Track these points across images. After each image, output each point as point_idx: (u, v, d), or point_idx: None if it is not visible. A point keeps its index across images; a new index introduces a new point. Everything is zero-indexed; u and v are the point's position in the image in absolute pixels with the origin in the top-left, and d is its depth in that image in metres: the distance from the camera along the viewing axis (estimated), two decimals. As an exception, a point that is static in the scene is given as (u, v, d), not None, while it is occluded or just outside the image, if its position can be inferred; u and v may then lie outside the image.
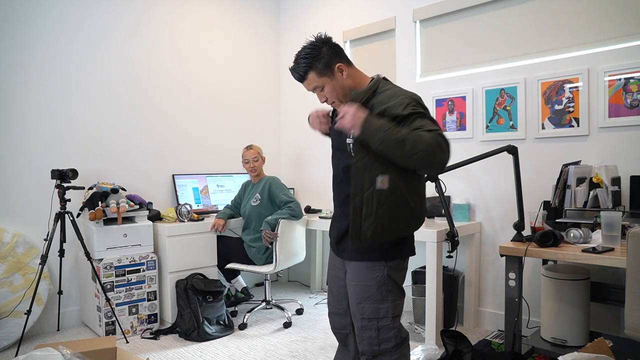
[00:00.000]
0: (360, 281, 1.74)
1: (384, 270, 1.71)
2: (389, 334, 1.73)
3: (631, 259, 1.69)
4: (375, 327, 1.72)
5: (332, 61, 1.70)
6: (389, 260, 1.71)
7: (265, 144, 4.44)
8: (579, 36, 2.78)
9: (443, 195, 2.48)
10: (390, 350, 1.73)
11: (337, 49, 1.72)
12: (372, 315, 1.73)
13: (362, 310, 1.74)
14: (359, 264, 1.74)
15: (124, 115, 3.63)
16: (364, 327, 1.75)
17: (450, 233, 2.47)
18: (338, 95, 1.73)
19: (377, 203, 1.60)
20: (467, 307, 3.23)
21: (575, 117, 2.79)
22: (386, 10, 3.72)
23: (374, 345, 1.73)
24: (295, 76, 1.75)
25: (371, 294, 1.72)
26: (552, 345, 2.43)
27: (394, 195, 1.60)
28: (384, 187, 1.59)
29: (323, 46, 1.70)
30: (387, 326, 1.73)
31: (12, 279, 3.00)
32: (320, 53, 1.69)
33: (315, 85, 1.73)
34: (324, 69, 1.69)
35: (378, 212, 1.60)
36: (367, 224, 1.61)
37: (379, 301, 1.72)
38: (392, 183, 1.59)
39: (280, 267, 3.31)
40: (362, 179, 1.62)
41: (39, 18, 3.22)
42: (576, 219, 2.52)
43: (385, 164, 1.58)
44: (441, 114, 3.41)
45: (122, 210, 3.09)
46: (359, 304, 1.75)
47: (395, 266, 1.74)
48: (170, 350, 2.92)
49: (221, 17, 4.23)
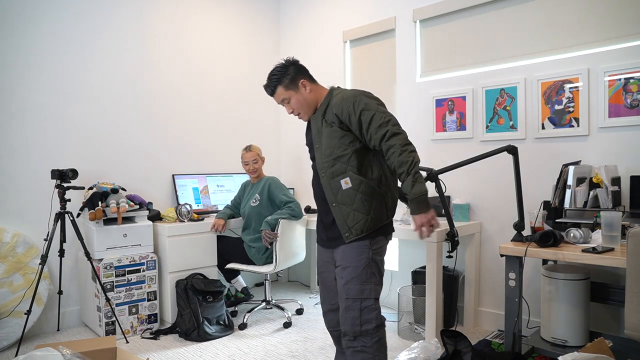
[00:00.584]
0: (350, 263, 1.95)
1: (369, 253, 1.94)
2: (371, 315, 1.92)
3: (631, 259, 1.69)
4: (359, 308, 1.92)
5: (296, 77, 2.04)
6: (373, 239, 1.95)
7: (265, 144, 4.44)
8: (579, 36, 2.78)
9: (443, 195, 2.47)
10: (371, 332, 1.91)
11: (301, 69, 2.07)
12: (357, 296, 1.92)
13: (348, 291, 1.94)
14: (346, 247, 1.96)
15: (124, 115, 3.63)
16: (348, 308, 1.93)
17: (450, 233, 2.47)
18: (302, 106, 2.06)
19: (350, 200, 1.93)
20: (467, 307, 3.23)
21: (575, 117, 2.79)
22: (386, 10, 3.72)
23: (357, 326, 1.91)
24: (267, 91, 2.09)
25: (358, 274, 1.93)
26: (552, 345, 2.43)
27: (360, 189, 1.92)
28: (349, 186, 1.93)
29: (290, 66, 2.05)
30: (370, 307, 1.92)
31: (12, 279, 3.00)
32: (287, 71, 2.04)
33: (283, 98, 2.06)
34: (290, 84, 2.04)
35: (354, 206, 1.93)
36: (351, 220, 1.93)
37: (364, 282, 1.93)
38: (353, 181, 1.92)
39: (280, 267, 3.31)
40: (331, 188, 1.97)
41: (39, 18, 3.22)
42: (576, 219, 2.52)
43: (342, 168, 1.94)
44: (441, 114, 3.41)
45: (122, 210, 3.09)
46: (345, 285, 1.95)
47: (378, 249, 1.98)
48: (170, 350, 2.92)
49: (221, 17, 4.23)
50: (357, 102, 1.90)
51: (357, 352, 1.93)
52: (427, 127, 3.49)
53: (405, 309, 3.22)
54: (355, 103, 1.91)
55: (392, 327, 3.29)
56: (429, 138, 3.49)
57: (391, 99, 3.76)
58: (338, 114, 1.95)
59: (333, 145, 1.97)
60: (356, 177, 1.93)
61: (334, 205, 1.97)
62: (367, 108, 1.88)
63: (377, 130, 1.85)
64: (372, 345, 1.91)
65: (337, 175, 1.95)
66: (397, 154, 1.80)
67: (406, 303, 3.22)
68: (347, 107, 1.91)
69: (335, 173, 1.96)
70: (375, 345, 1.92)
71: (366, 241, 1.94)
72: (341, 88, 2.06)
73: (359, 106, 1.89)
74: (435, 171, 2.48)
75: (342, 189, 1.94)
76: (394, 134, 1.83)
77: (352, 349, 1.95)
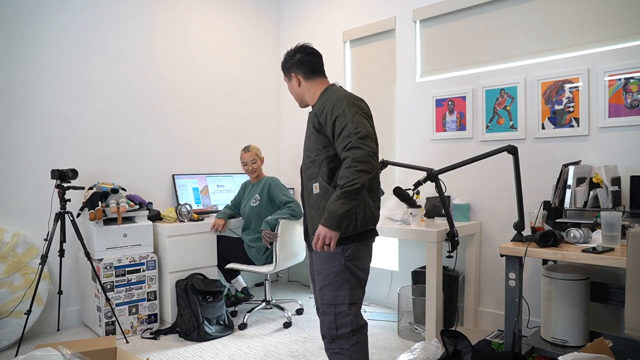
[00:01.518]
0: (322, 270, 1.96)
1: (342, 260, 1.92)
2: (345, 320, 1.93)
3: (631, 259, 1.69)
4: (334, 313, 1.94)
5: (291, 69, 2.08)
6: (346, 246, 1.91)
7: (264, 144, 4.44)
8: (579, 36, 2.78)
9: (443, 195, 2.48)
10: (347, 335, 1.93)
11: (303, 62, 2.06)
12: (331, 302, 1.94)
13: (322, 297, 1.97)
14: (319, 254, 1.95)
15: (124, 116, 3.63)
16: (324, 312, 1.97)
17: (450, 233, 2.47)
18: (292, 94, 2.14)
19: (317, 205, 1.93)
20: (467, 307, 3.23)
21: (575, 117, 2.79)
22: (386, 10, 3.72)
23: (332, 330, 1.94)
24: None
25: (330, 282, 1.94)
26: (552, 345, 2.43)
27: (325, 197, 1.89)
28: (317, 191, 1.94)
29: (296, 54, 2.08)
30: (344, 312, 1.93)
31: (12, 279, 3.00)
32: (290, 59, 2.09)
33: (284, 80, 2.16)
34: (285, 72, 2.13)
35: (319, 212, 1.91)
36: (316, 224, 1.92)
37: (337, 289, 1.93)
38: (321, 187, 1.92)
39: (280, 267, 3.31)
40: (307, 188, 2.00)
41: (39, 18, 3.22)
42: (576, 219, 2.52)
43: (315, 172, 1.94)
44: (441, 114, 3.41)
45: (122, 210, 3.09)
46: (319, 291, 1.98)
47: (353, 255, 1.94)
48: (170, 350, 2.92)
49: (221, 18, 4.23)
50: (337, 106, 1.85)
51: (335, 354, 1.96)
52: (427, 127, 3.49)
53: (405, 309, 3.22)
54: (334, 107, 1.86)
55: (392, 327, 3.29)
56: (429, 138, 3.49)
57: (391, 99, 3.76)
58: (317, 114, 1.92)
59: (310, 147, 1.98)
60: (324, 185, 1.91)
61: (306, 207, 2.01)
62: (343, 114, 1.82)
63: (343, 139, 1.80)
64: (348, 348, 1.93)
65: (310, 179, 1.97)
66: (345, 166, 1.77)
67: (406, 303, 3.22)
68: (326, 110, 1.88)
69: (310, 176, 1.97)
70: (352, 348, 1.93)
71: (338, 248, 1.89)
72: (337, 87, 2.03)
73: (336, 111, 1.84)
74: (435, 171, 2.48)
75: (312, 193, 1.95)
76: (354, 147, 1.76)
77: (330, 350, 1.99)
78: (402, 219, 3.12)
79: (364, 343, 1.98)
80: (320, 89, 2.04)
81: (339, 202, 1.75)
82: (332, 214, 1.76)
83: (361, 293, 1.99)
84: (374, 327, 3.28)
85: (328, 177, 1.91)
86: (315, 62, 2.07)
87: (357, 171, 1.74)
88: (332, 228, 1.77)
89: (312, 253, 2.07)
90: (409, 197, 2.50)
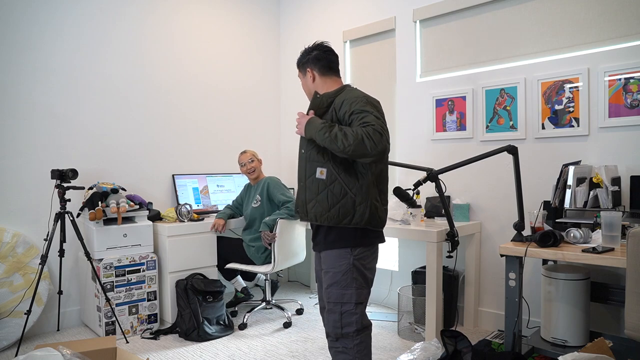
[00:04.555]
0: (330, 268, 1.97)
1: (350, 259, 1.94)
2: (351, 319, 1.94)
3: (631, 259, 1.69)
4: (339, 311, 1.95)
5: (307, 64, 2.10)
6: (354, 248, 1.94)
7: (265, 144, 4.45)
8: (579, 36, 2.78)
9: (443, 195, 2.47)
10: (352, 335, 1.94)
11: (319, 58, 2.07)
12: (337, 300, 1.95)
13: (329, 295, 1.97)
14: (328, 252, 1.98)
15: (124, 115, 3.63)
16: (330, 311, 1.97)
17: (450, 233, 2.47)
18: (305, 91, 2.15)
19: (317, 190, 1.92)
20: (467, 307, 3.23)
21: (575, 117, 2.79)
22: (386, 10, 3.72)
23: (337, 328, 1.95)
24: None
25: (337, 280, 1.95)
26: (552, 345, 2.43)
27: (331, 185, 1.90)
28: (322, 177, 1.91)
29: (313, 50, 2.09)
30: (350, 311, 1.94)
31: (12, 279, 3.00)
32: (308, 54, 2.10)
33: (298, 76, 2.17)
34: (301, 67, 2.14)
35: (317, 198, 1.92)
36: (310, 206, 1.95)
37: (344, 287, 1.94)
38: (329, 175, 1.90)
39: (279, 267, 3.31)
40: (305, 167, 1.97)
41: (40, 18, 3.22)
42: (576, 219, 2.52)
43: (325, 158, 1.91)
44: (441, 114, 3.41)
45: (122, 210, 3.09)
46: (326, 289, 1.99)
47: (361, 255, 1.96)
48: (170, 350, 2.92)
49: (221, 18, 4.23)
50: (357, 102, 1.87)
51: (339, 352, 1.97)
52: (427, 127, 3.49)
53: (405, 309, 3.22)
54: (354, 102, 1.87)
55: (392, 327, 3.29)
56: (429, 138, 3.49)
57: (391, 99, 3.76)
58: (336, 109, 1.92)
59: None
60: (333, 173, 1.90)
61: (300, 184, 2.00)
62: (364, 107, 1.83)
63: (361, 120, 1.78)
64: (352, 347, 1.94)
65: (315, 162, 1.93)
66: (360, 127, 1.75)
67: (406, 303, 3.22)
68: (346, 104, 1.89)
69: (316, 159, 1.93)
70: (356, 348, 1.94)
71: (347, 249, 1.94)
72: (352, 88, 2.02)
73: (355, 105, 1.85)
74: (435, 171, 2.48)
75: (315, 176, 1.92)
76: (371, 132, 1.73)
77: (334, 349, 2.00)
78: (402, 219, 3.12)
79: (368, 343, 1.99)
80: (334, 87, 2.05)
81: (326, 132, 1.80)
82: (314, 127, 1.85)
83: (367, 293, 2.00)
84: (374, 327, 3.27)
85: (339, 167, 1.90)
86: (331, 59, 2.10)
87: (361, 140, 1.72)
88: (311, 130, 1.87)
89: (319, 252, 2.08)
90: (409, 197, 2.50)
